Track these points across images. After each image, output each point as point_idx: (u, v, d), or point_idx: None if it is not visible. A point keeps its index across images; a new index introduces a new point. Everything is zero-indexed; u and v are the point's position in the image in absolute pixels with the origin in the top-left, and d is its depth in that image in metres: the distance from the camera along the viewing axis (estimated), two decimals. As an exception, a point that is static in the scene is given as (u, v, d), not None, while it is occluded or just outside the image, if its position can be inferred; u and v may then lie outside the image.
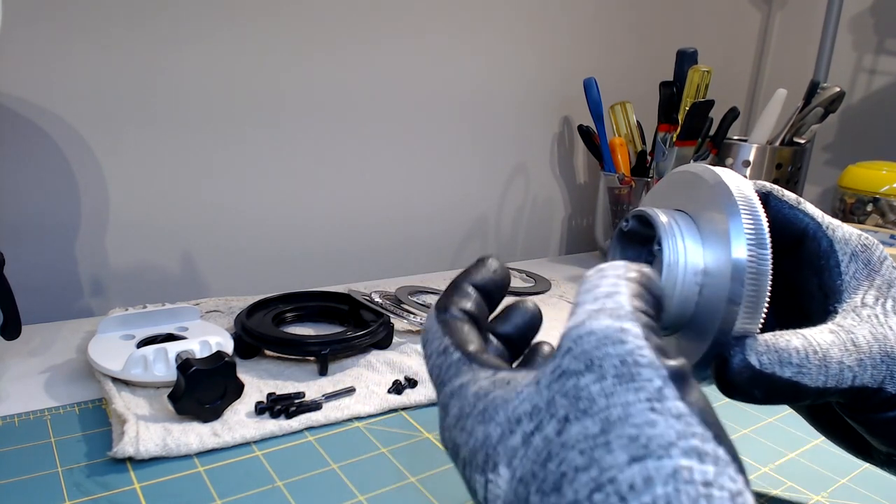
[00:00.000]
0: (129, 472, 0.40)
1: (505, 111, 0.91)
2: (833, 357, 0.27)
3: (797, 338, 0.28)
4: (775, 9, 1.19)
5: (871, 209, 0.89)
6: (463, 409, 0.23)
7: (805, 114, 0.89)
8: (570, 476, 0.18)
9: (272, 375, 0.53)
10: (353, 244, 0.83)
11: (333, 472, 0.41)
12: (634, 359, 0.19)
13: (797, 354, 0.27)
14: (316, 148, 0.77)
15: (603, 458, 0.18)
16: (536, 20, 0.90)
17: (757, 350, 0.27)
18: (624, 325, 0.20)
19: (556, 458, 0.19)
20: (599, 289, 0.22)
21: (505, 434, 0.21)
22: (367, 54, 0.77)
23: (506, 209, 0.95)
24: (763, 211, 0.27)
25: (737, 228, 0.27)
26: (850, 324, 0.29)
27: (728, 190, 0.28)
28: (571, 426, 0.19)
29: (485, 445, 0.22)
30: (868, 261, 0.30)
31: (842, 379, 0.27)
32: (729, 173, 0.29)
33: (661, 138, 0.86)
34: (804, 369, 0.27)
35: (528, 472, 0.20)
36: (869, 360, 0.28)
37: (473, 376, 0.24)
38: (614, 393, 0.19)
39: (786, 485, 0.42)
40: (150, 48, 0.65)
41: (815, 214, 0.32)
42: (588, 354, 0.20)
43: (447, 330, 0.26)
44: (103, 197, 0.66)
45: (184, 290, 0.72)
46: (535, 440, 0.20)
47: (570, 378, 0.20)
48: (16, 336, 0.48)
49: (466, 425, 0.23)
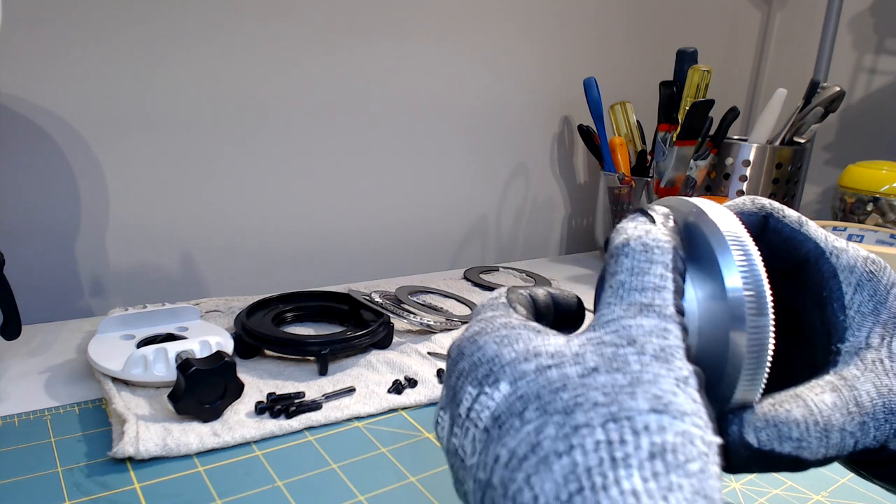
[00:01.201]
0: (129, 472, 0.40)
1: (505, 111, 0.91)
2: (835, 425, 0.25)
3: (797, 407, 0.25)
4: (775, 9, 1.19)
5: (872, 209, 0.89)
6: (484, 328, 0.24)
7: (805, 113, 0.89)
8: (586, 406, 0.19)
9: (272, 375, 0.53)
10: (353, 244, 0.83)
11: (333, 472, 0.41)
12: (671, 352, 0.21)
13: (797, 428, 0.25)
14: (316, 148, 0.77)
15: (626, 402, 0.19)
16: (536, 21, 0.90)
17: (755, 426, 0.25)
18: (668, 326, 0.22)
19: (571, 390, 0.20)
20: (647, 276, 0.23)
21: (518, 359, 0.22)
22: (368, 56, 0.77)
23: (506, 209, 0.95)
24: (755, 248, 0.24)
25: (729, 268, 0.24)
26: (853, 374, 0.27)
27: (710, 220, 0.25)
28: (599, 375, 0.20)
29: (491, 362, 0.23)
30: (874, 291, 0.28)
31: (843, 447, 0.26)
32: (709, 203, 0.26)
33: (661, 138, 0.86)
34: (804, 443, 0.25)
35: (533, 392, 0.21)
36: (872, 421, 0.26)
37: (507, 314, 0.25)
38: (650, 364, 0.21)
39: (786, 484, 0.42)
40: (152, 49, 0.65)
41: (818, 237, 0.29)
42: (632, 336, 0.22)
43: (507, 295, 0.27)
44: (103, 197, 0.66)
45: (184, 290, 0.72)
46: (551, 372, 0.21)
47: (609, 346, 0.21)
48: (16, 336, 0.48)
49: (480, 340, 0.24)
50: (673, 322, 0.22)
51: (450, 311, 0.68)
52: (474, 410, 0.22)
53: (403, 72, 0.81)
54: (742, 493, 0.41)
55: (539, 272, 0.85)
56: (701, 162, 0.87)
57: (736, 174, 0.91)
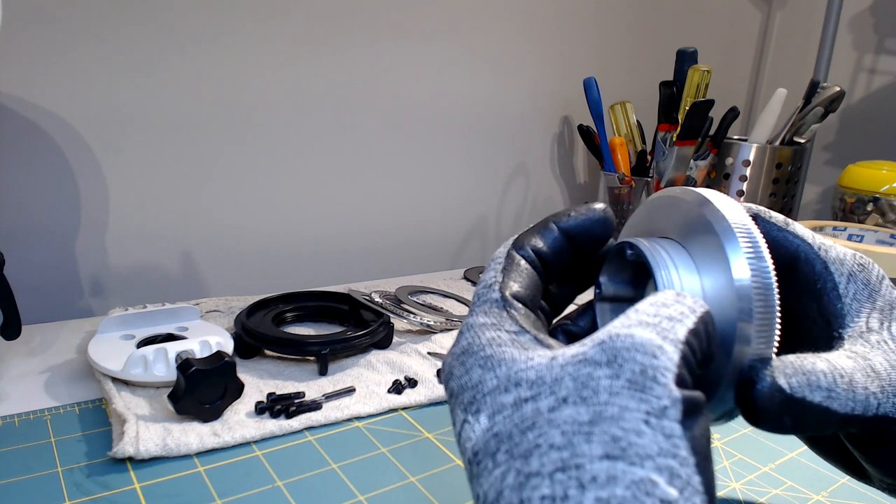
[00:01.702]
0: (129, 472, 0.40)
1: (505, 111, 0.91)
2: (858, 382, 0.26)
3: (821, 361, 0.26)
4: (775, 9, 1.19)
5: (872, 208, 0.88)
6: (472, 345, 0.24)
7: (805, 113, 0.89)
8: (542, 449, 0.19)
9: (272, 375, 0.53)
10: (353, 244, 0.83)
11: (333, 472, 0.41)
12: (654, 374, 0.20)
13: (825, 378, 0.25)
14: (316, 149, 0.77)
15: (580, 445, 0.19)
16: (536, 21, 0.90)
17: (785, 372, 0.25)
18: (665, 345, 0.20)
19: (537, 429, 0.20)
20: (668, 308, 0.22)
21: (499, 388, 0.22)
22: (368, 55, 0.77)
23: (506, 209, 0.95)
24: (755, 226, 0.26)
25: (733, 247, 0.25)
26: (862, 350, 0.27)
27: (715, 209, 0.26)
28: (566, 408, 0.20)
29: (475, 388, 0.22)
30: (867, 281, 0.29)
31: (868, 406, 0.26)
32: (711, 192, 0.27)
33: (661, 138, 0.86)
34: (833, 393, 0.25)
35: (507, 431, 0.20)
36: (890, 387, 0.26)
37: (499, 322, 0.24)
38: (619, 394, 0.19)
39: (786, 484, 0.42)
40: (152, 50, 0.65)
41: (806, 236, 0.30)
42: (616, 351, 0.20)
43: (507, 264, 0.26)
44: (103, 197, 0.66)
45: (184, 290, 0.72)
46: (526, 407, 0.21)
47: (587, 366, 0.20)
48: (16, 336, 0.48)
49: (467, 362, 0.23)
50: (672, 344, 0.21)
51: (450, 311, 0.68)
52: (462, 437, 0.22)
53: (404, 71, 0.81)
54: (742, 492, 0.41)
55: (539, 272, 0.85)
56: (701, 162, 0.87)
57: (736, 174, 0.91)
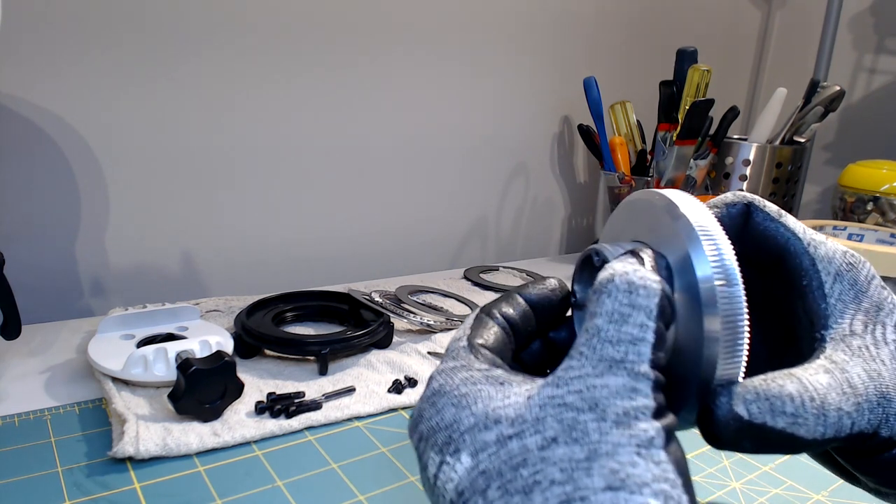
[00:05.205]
0: (129, 471, 0.40)
1: (505, 111, 0.91)
2: (831, 403, 0.25)
3: (791, 382, 0.25)
4: (775, 8, 1.19)
5: (872, 208, 0.89)
6: (443, 387, 0.24)
7: (805, 113, 0.89)
8: (543, 485, 0.20)
9: (272, 375, 0.53)
10: (353, 244, 0.83)
11: (333, 471, 0.41)
12: (636, 414, 0.21)
13: (792, 403, 0.24)
14: (316, 148, 0.77)
15: (581, 479, 0.19)
16: (537, 21, 0.90)
17: (745, 398, 0.24)
18: (637, 385, 0.21)
19: (531, 466, 0.20)
20: (625, 326, 0.22)
21: (478, 426, 0.22)
22: (370, 58, 0.77)
23: (506, 209, 0.95)
24: (725, 238, 0.25)
25: (699, 260, 0.24)
26: (842, 359, 0.26)
27: (680, 213, 0.25)
28: (558, 447, 0.20)
29: (450, 428, 0.22)
30: (854, 281, 0.28)
31: (841, 427, 0.25)
32: (680, 194, 0.26)
33: (661, 137, 0.86)
34: (800, 419, 0.24)
35: (496, 469, 0.21)
36: (866, 403, 0.25)
37: (468, 363, 0.24)
38: (609, 433, 0.20)
39: (786, 484, 0.42)
40: (152, 50, 0.65)
41: (797, 229, 0.30)
42: (595, 400, 0.21)
43: (475, 324, 0.27)
44: (103, 197, 0.66)
45: (184, 290, 0.72)
46: (511, 444, 0.21)
47: (569, 411, 0.21)
48: (16, 336, 0.48)
49: (438, 402, 0.23)
50: (644, 380, 0.21)
51: (450, 310, 0.68)
52: (440, 479, 0.22)
53: (405, 72, 0.81)
54: (742, 492, 0.41)
55: (539, 272, 0.85)
56: (701, 161, 0.87)
57: (736, 173, 0.91)
